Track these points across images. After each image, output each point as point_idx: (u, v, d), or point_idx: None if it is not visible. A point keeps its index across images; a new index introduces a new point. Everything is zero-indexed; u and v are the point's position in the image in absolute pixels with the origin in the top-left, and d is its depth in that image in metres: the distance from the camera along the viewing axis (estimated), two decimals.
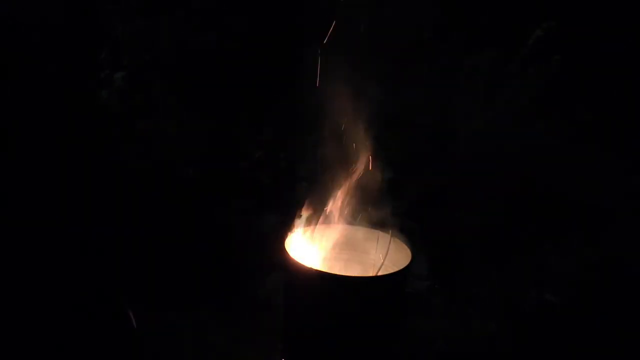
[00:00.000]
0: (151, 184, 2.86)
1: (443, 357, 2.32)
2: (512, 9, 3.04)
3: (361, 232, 2.22)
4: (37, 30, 2.83)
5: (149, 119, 2.96)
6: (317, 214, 2.18)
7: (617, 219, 2.84)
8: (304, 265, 1.91)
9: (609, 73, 2.93)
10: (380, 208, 2.20)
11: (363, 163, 2.22)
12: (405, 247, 2.08)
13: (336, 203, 2.19)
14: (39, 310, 2.17)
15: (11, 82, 2.80)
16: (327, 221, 2.19)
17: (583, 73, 2.95)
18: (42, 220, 2.62)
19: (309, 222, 2.16)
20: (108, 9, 2.97)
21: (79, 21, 2.91)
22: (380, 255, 2.15)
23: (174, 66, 3.01)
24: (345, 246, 2.21)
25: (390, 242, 2.11)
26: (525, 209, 2.90)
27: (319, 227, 2.18)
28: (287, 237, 2.06)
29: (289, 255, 1.95)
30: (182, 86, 3.01)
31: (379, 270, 2.10)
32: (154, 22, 3.00)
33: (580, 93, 2.95)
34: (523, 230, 2.88)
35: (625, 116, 2.93)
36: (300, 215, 2.15)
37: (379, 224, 2.22)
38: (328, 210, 2.19)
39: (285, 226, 2.12)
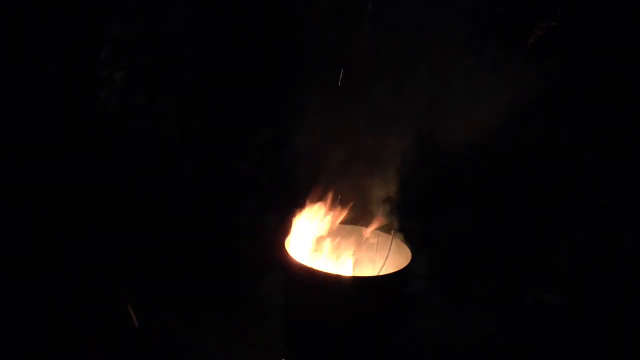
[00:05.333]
0: (151, 184, 2.86)
1: (443, 357, 2.32)
2: (512, 9, 3.04)
3: (362, 232, 2.22)
4: (37, 30, 2.83)
5: (149, 119, 2.96)
6: (316, 213, 2.18)
7: (617, 219, 2.84)
8: (304, 265, 1.91)
9: (609, 73, 2.93)
10: (381, 208, 2.20)
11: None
12: (405, 247, 2.08)
13: (335, 203, 2.19)
14: (41, 310, 2.17)
15: (11, 82, 2.81)
16: (327, 221, 2.19)
17: (583, 73, 2.95)
18: (41, 221, 2.62)
19: (309, 221, 2.16)
20: (108, 9, 2.97)
21: (79, 21, 2.91)
22: (380, 255, 2.15)
23: (174, 66, 3.00)
24: (346, 246, 2.21)
25: (392, 242, 2.11)
26: (525, 209, 2.90)
27: (319, 227, 2.18)
28: (287, 237, 2.06)
29: (289, 255, 1.96)
30: (182, 86, 3.01)
31: (379, 270, 2.10)
32: (154, 22, 3.00)
33: (580, 93, 2.95)
34: (523, 230, 2.87)
35: (625, 116, 2.93)
36: (300, 216, 2.15)
37: (379, 224, 2.22)
38: (327, 210, 2.19)
39: (285, 226, 2.12)
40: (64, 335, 2.07)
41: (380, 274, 2.07)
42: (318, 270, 1.91)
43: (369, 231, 2.21)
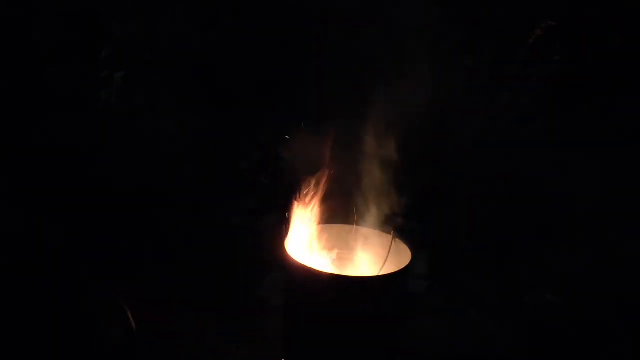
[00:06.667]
0: (151, 184, 2.86)
1: (443, 357, 2.32)
2: (512, 9, 3.04)
3: (361, 232, 2.22)
4: (37, 30, 2.83)
5: (149, 119, 2.96)
6: (316, 213, 2.18)
7: (617, 218, 2.84)
8: (304, 265, 1.91)
9: (609, 73, 2.93)
10: (381, 208, 2.20)
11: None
12: (405, 247, 2.08)
13: (334, 202, 2.19)
14: (38, 312, 2.17)
15: (11, 82, 2.81)
16: (327, 220, 2.19)
17: (583, 73, 2.95)
18: (41, 221, 2.62)
19: (308, 221, 2.16)
20: (108, 9, 2.97)
21: (79, 21, 2.91)
22: (380, 255, 2.15)
23: (174, 66, 3.00)
24: (346, 246, 2.21)
25: (392, 242, 2.11)
26: (525, 209, 2.90)
27: (319, 227, 2.18)
28: (287, 237, 2.06)
29: (289, 255, 1.95)
30: (182, 86, 3.01)
31: (380, 270, 2.10)
32: (154, 22, 3.00)
33: (580, 93, 2.95)
34: (523, 231, 2.87)
35: (625, 116, 2.93)
36: (299, 216, 2.15)
37: (379, 224, 2.22)
38: (327, 210, 2.19)
39: (285, 226, 2.12)
40: (63, 336, 2.07)
41: (380, 274, 2.07)
42: (318, 270, 1.91)
43: (370, 232, 2.21)
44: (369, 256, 2.20)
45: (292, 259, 1.94)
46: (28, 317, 2.15)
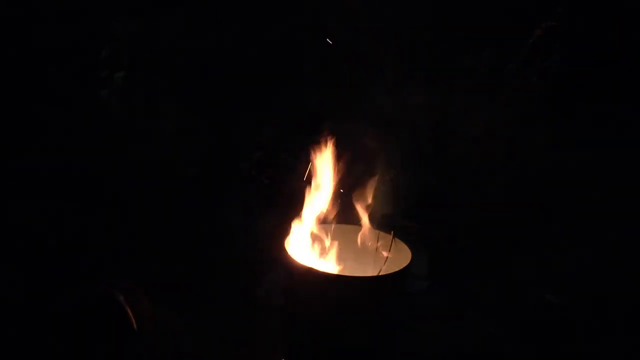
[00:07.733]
0: (151, 184, 2.87)
1: (443, 357, 2.32)
2: (512, 9, 3.05)
3: (361, 232, 2.22)
4: (37, 31, 2.83)
5: (149, 119, 2.96)
6: (316, 213, 2.18)
7: (617, 218, 2.84)
8: (304, 265, 1.91)
9: (609, 73, 2.93)
10: (381, 208, 2.20)
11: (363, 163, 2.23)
12: (405, 247, 2.08)
13: (335, 202, 2.19)
14: (38, 312, 2.17)
15: (11, 82, 2.81)
16: (327, 221, 2.19)
17: (583, 73, 2.95)
18: (40, 222, 2.62)
19: (309, 221, 2.16)
20: (108, 9, 2.97)
21: (79, 21, 2.91)
22: (380, 256, 2.15)
23: (174, 66, 3.01)
24: (346, 246, 2.21)
25: (392, 242, 2.11)
26: (525, 209, 2.89)
27: (319, 227, 2.18)
28: (287, 237, 2.06)
29: (289, 255, 1.95)
30: (182, 86, 3.01)
31: (380, 270, 2.10)
32: (154, 22, 3.00)
33: (581, 93, 2.95)
34: (523, 231, 2.87)
35: (626, 116, 2.93)
36: (300, 215, 2.15)
37: (379, 224, 2.22)
38: (327, 210, 2.19)
39: (285, 226, 2.11)
40: (62, 336, 2.07)
41: (380, 274, 2.07)
42: (318, 270, 1.91)
43: (370, 232, 2.21)
44: (369, 256, 2.20)
45: (292, 259, 1.94)
46: (27, 315, 2.16)
